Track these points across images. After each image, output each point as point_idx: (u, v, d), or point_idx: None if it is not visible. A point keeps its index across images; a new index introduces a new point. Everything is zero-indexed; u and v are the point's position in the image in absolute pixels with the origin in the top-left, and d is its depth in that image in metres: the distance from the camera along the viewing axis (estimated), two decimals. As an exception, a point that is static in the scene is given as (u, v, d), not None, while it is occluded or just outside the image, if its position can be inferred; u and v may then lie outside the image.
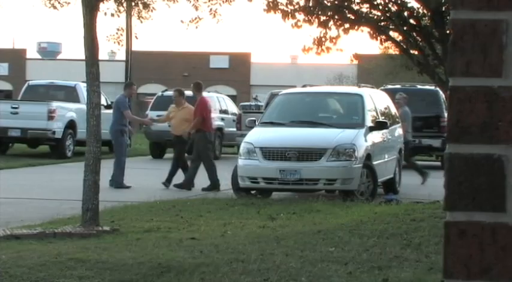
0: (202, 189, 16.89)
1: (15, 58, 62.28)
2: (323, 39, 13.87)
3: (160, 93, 27.84)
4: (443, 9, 12.97)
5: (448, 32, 12.51)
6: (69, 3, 16.53)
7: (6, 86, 59.51)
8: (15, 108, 25.19)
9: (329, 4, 13.33)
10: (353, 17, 13.49)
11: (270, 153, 15.13)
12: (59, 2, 16.52)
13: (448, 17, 12.62)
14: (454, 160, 1.68)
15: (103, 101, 22.30)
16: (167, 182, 17.31)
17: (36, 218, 12.70)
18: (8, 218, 12.63)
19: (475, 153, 1.67)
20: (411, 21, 13.55)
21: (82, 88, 25.27)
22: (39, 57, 65.67)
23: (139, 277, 8.46)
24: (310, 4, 13.33)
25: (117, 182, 17.36)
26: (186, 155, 18.12)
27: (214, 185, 17.08)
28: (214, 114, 25.10)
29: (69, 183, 17.45)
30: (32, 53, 65.81)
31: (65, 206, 14.33)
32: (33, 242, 10.21)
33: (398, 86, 24.91)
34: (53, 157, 24.13)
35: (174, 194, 16.30)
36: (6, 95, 50.14)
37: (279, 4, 13.67)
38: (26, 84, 28.25)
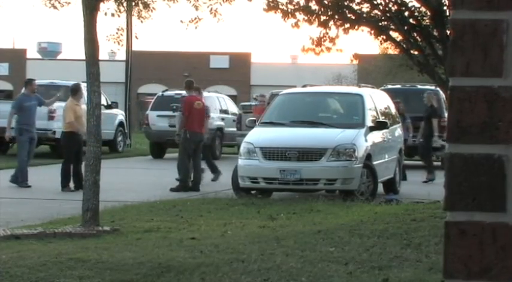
0: (171, 189, 16.80)
1: (16, 58, 62.28)
2: (323, 39, 13.87)
3: (160, 93, 27.84)
4: (444, 9, 12.96)
5: (448, 32, 12.51)
6: (69, 3, 16.52)
7: (6, 86, 59.51)
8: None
9: (329, 4, 13.33)
10: (353, 17, 13.48)
11: (270, 153, 15.13)
12: (59, 2, 16.51)
13: (448, 17, 12.61)
14: (454, 160, 1.68)
15: (103, 101, 22.32)
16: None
17: (37, 218, 12.70)
18: (8, 218, 12.63)
19: (475, 153, 1.67)
20: (411, 21, 13.54)
21: (82, 88, 25.25)
22: (40, 57, 65.67)
23: (139, 277, 8.46)
24: (311, 4, 13.33)
25: (16, 179, 17.41)
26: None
27: (183, 186, 16.96)
28: (214, 114, 25.10)
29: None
30: (32, 53, 65.82)
31: (65, 206, 14.33)
32: (33, 242, 10.21)
33: (398, 86, 24.91)
34: (53, 157, 24.10)
35: (174, 194, 16.30)
36: (7, 95, 50.10)
37: (279, 4, 13.67)
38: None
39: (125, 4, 15.76)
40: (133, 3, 16.24)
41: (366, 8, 13.60)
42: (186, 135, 17.21)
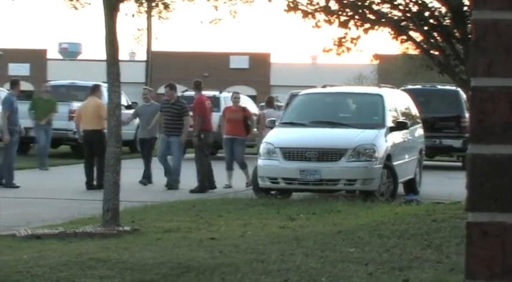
0: (190, 191, 16.83)
1: (37, 58, 62.59)
2: (343, 39, 13.84)
3: (180, 93, 27.87)
4: (464, 9, 12.91)
5: (469, 32, 12.45)
6: (89, 3, 16.59)
7: (27, 86, 59.77)
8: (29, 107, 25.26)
9: (349, 4, 13.30)
10: (373, 17, 13.45)
11: (290, 153, 15.12)
12: (79, 3, 16.58)
13: (469, 17, 12.56)
14: (476, 160, 1.68)
15: (123, 101, 22.38)
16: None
17: (57, 218, 12.75)
18: (30, 218, 12.69)
19: (497, 153, 1.67)
20: (432, 21, 13.49)
21: (103, 88, 25.33)
22: (60, 57, 65.96)
23: (159, 277, 8.47)
24: (330, 4, 13.31)
25: (7, 181, 17.37)
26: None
27: (201, 187, 16.98)
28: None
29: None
30: (53, 54, 66.14)
31: (86, 206, 14.39)
32: (54, 241, 10.26)
33: (418, 86, 24.83)
34: (74, 157, 24.19)
35: (194, 194, 16.33)
36: (27, 95, 50.33)
37: (299, 4, 13.66)
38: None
39: (145, 5, 15.82)
40: (154, 4, 16.29)
41: (386, 8, 13.57)
42: (201, 135, 17.23)
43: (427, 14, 13.36)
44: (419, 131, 17.85)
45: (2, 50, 44.49)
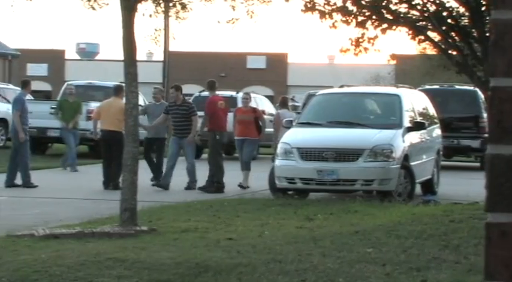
0: (198, 188, 16.83)
1: (54, 59, 62.83)
2: (360, 39, 13.82)
3: (197, 94, 27.91)
4: (482, 8, 12.86)
5: (487, 31, 12.41)
6: (107, 4, 16.65)
7: (45, 86, 60.04)
8: (55, 108, 25.36)
9: (367, 4, 13.28)
10: (391, 17, 13.42)
11: (307, 153, 15.11)
12: (97, 3, 16.64)
13: (487, 17, 12.51)
14: (495, 161, 1.67)
15: (141, 102, 22.40)
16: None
17: (75, 218, 12.79)
18: (47, 218, 12.75)
19: (516, 154, 1.66)
20: (449, 21, 13.45)
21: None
22: (78, 57, 66.18)
23: (177, 277, 8.49)
24: (348, 4, 13.29)
25: (26, 181, 17.35)
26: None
27: (219, 187, 17.01)
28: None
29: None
30: (71, 54, 66.38)
31: (103, 205, 14.43)
32: (72, 241, 10.29)
33: (436, 87, 24.76)
34: (91, 157, 24.26)
35: (211, 195, 16.34)
36: (46, 96, 50.55)
37: (317, 5, 13.64)
38: (64, 85, 28.45)
39: (162, 5, 15.86)
40: (171, 4, 16.33)
41: (403, 8, 13.53)
42: (215, 135, 17.24)
43: (445, 13, 13.33)
44: (436, 131, 17.80)
45: (20, 51, 44.68)
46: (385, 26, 13.47)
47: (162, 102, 18.89)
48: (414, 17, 13.55)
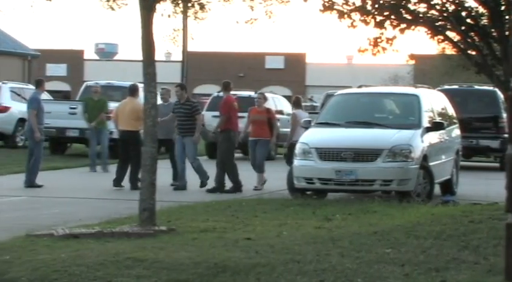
0: (207, 191, 16.80)
1: (74, 59, 63.11)
2: (379, 39, 13.79)
3: (216, 94, 27.95)
4: (502, 8, 12.81)
5: (506, 31, 12.35)
6: (126, 4, 16.65)
7: (64, 86, 60.32)
8: (74, 108, 25.46)
9: (385, 4, 13.25)
10: (409, 17, 13.39)
11: (326, 153, 15.10)
12: (116, 3, 16.67)
13: (506, 17, 12.46)
14: (515, 161, 1.67)
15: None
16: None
17: (94, 218, 12.84)
18: (67, 217, 12.81)
19: (537, 154, 1.65)
20: (469, 21, 13.40)
21: (139, 89, 25.42)
22: (97, 58, 66.43)
23: (195, 277, 8.51)
24: (366, 4, 13.27)
25: (30, 180, 17.37)
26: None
27: (236, 187, 17.02)
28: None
29: (126, 183, 17.62)
30: (89, 54, 66.65)
31: (122, 205, 14.48)
32: (91, 241, 10.33)
33: (455, 87, 24.68)
34: (111, 157, 24.36)
35: (229, 195, 16.36)
36: (65, 96, 50.78)
37: (335, 4, 13.62)
38: (83, 85, 28.57)
39: (181, 5, 15.87)
40: (190, 5, 16.35)
41: (422, 8, 13.49)
42: (230, 136, 17.24)
43: (464, 13, 13.28)
44: (456, 131, 17.75)
45: (39, 51, 44.89)
46: (403, 25, 13.43)
47: (170, 102, 18.95)
48: (433, 17, 13.51)
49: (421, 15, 13.41)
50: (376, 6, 13.26)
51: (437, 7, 13.30)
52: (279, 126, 20.82)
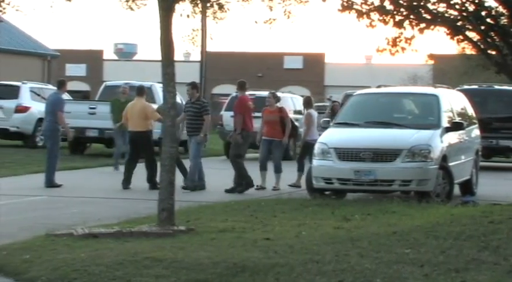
0: (239, 192, 16.76)
1: (93, 59, 63.28)
2: (398, 39, 13.75)
3: (234, 94, 27.95)
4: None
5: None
6: (145, 4, 16.69)
7: (83, 86, 60.49)
8: (93, 108, 25.56)
9: (405, 4, 13.22)
10: (429, 17, 13.34)
11: (345, 153, 15.07)
12: (135, 4, 16.70)
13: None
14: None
15: (178, 101, 22.48)
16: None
17: (113, 217, 12.89)
18: (86, 217, 12.85)
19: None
20: (488, 20, 13.34)
21: (157, 89, 25.49)
22: (116, 58, 66.59)
23: (214, 277, 8.52)
24: (385, 4, 13.24)
25: (50, 180, 17.39)
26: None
27: (247, 184, 16.97)
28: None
29: (145, 183, 17.66)
30: (108, 54, 66.82)
31: (141, 205, 14.52)
32: (110, 240, 10.36)
33: (475, 87, 24.58)
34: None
35: (247, 195, 16.37)
36: (84, 96, 50.94)
37: (354, 4, 13.60)
38: (103, 85, 28.65)
39: (200, 5, 15.89)
40: (209, 5, 16.36)
41: (442, 7, 13.44)
42: (243, 135, 17.22)
43: (483, 13, 13.22)
44: (475, 131, 17.67)
45: (59, 51, 45.07)
46: (423, 25, 13.39)
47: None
48: (452, 17, 13.45)
49: (440, 15, 13.36)
50: (395, 5, 13.23)
51: (457, 7, 13.24)
52: (298, 126, 20.79)
